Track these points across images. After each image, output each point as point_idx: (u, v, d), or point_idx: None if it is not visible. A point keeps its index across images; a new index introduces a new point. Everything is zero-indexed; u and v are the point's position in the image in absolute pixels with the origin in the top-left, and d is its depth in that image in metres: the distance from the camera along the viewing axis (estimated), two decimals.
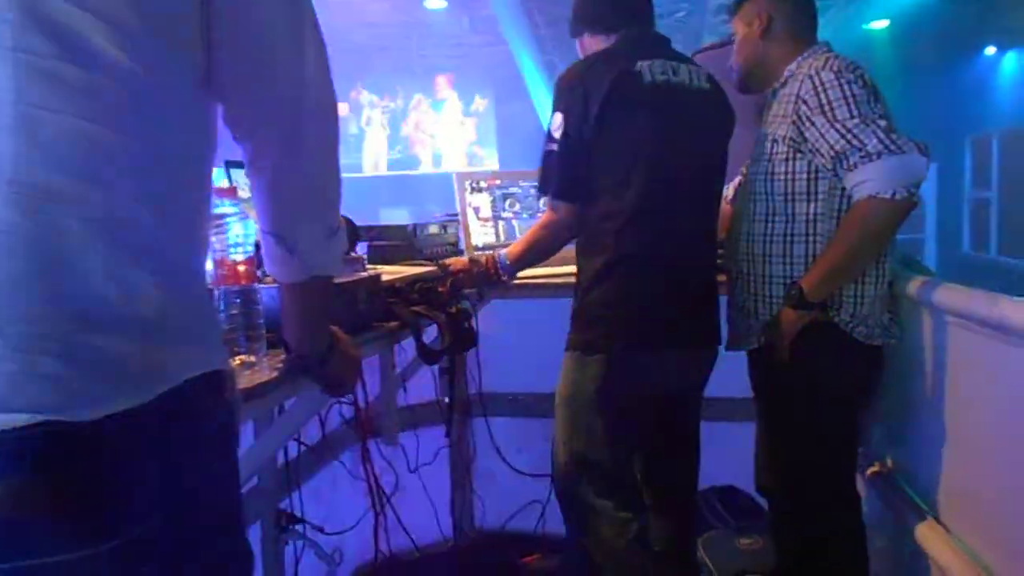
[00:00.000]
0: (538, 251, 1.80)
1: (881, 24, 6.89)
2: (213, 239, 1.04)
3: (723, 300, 1.84)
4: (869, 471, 1.87)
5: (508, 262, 1.82)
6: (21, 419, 0.57)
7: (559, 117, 1.63)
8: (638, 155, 1.62)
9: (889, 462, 1.84)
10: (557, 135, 1.63)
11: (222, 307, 1.05)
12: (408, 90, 9.79)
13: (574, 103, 1.61)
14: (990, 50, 9.13)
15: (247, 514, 1.79)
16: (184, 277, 0.71)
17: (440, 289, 1.67)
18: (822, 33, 1.78)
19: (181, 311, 0.69)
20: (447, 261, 1.89)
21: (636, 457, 1.86)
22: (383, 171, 10.17)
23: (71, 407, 0.59)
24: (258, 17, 0.76)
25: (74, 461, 0.59)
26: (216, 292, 1.05)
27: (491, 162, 9.76)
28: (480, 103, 9.55)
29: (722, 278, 1.92)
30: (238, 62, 0.76)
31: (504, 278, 1.84)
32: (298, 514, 1.92)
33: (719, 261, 1.99)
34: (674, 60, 1.70)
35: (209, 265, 1.00)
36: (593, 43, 1.77)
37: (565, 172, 1.63)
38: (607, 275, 1.65)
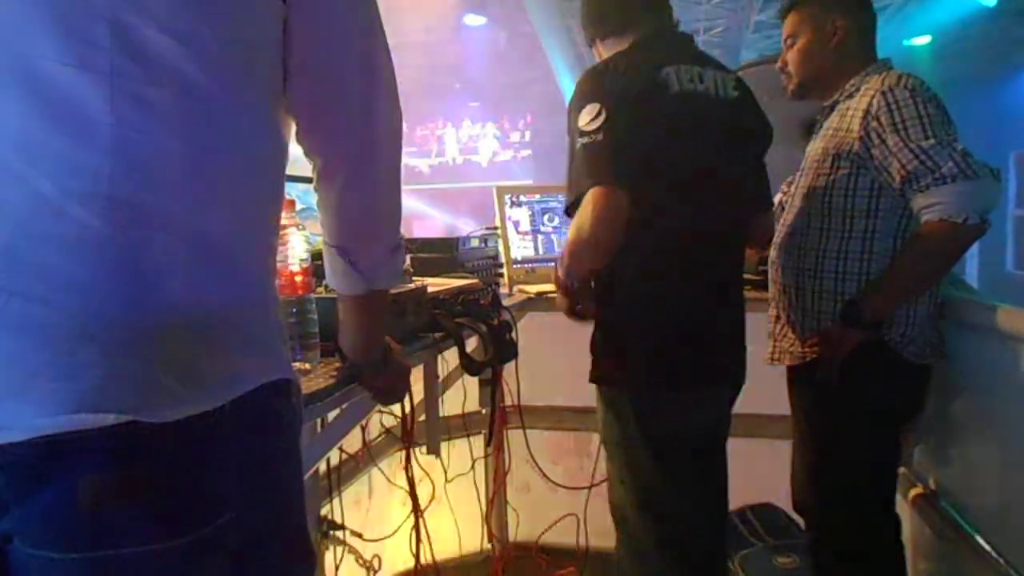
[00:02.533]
0: (588, 251, 1.45)
1: (923, 40, 6.80)
2: None
3: (756, 316, 1.84)
4: (912, 493, 1.85)
5: (564, 276, 1.55)
6: (109, 419, 0.60)
7: (596, 106, 1.41)
8: (667, 172, 1.48)
9: (932, 483, 1.82)
10: (596, 124, 1.40)
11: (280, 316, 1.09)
12: (447, 108, 9.92)
13: (609, 94, 1.42)
14: None
15: None
16: (257, 288, 0.75)
17: (482, 301, 1.70)
18: None
19: (253, 321, 0.72)
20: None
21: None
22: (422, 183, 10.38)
23: (155, 409, 0.62)
24: (334, 46, 0.80)
25: (156, 459, 0.63)
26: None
27: (528, 173, 9.83)
28: (518, 119, 9.63)
29: (759, 294, 1.92)
30: (314, 85, 0.80)
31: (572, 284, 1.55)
32: (338, 520, 1.96)
33: (756, 278, 2.00)
34: (699, 65, 1.55)
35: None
36: (605, 50, 1.63)
37: (609, 159, 1.39)
38: (638, 302, 1.55)
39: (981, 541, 1.53)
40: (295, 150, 0.86)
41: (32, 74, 0.62)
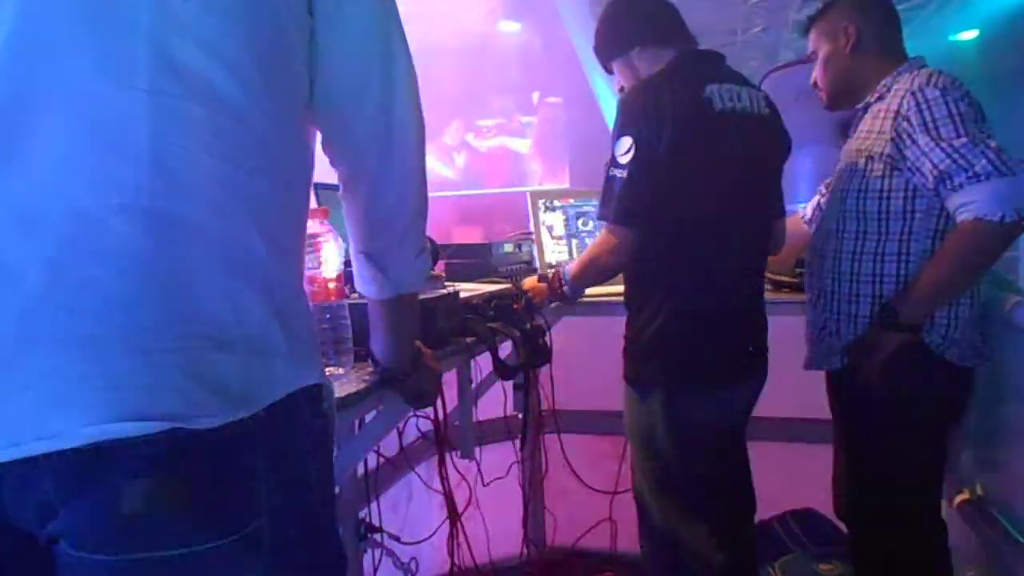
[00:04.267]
0: (595, 272, 1.75)
1: (970, 35, 6.61)
2: (306, 258, 1.10)
3: (793, 320, 1.82)
4: (958, 498, 1.80)
5: (570, 281, 1.80)
6: (152, 427, 0.62)
7: (628, 142, 1.54)
8: (707, 188, 1.57)
9: (979, 489, 1.77)
10: (624, 160, 1.54)
11: (313, 322, 1.12)
12: (482, 112, 9.95)
13: (645, 127, 1.52)
14: None
15: None
16: (289, 297, 0.77)
17: (515, 306, 1.71)
18: (908, 45, 1.73)
19: (285, 329, 0.75)
20: (524, 283, 1.92)
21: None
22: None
23: (195, 417, 0.64)
24: (359, 57, 0.82)
25: (195, 465, 0.65)
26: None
27: (564, 179, 9.80)
28: (552, 123, 9.62)
29: (797, 296, 1.90)
30: (339, 96, 0.82)
31: (567, 292, 1.82)
32: (376, 523, 1.98)
33: (792, 280, 1.97)
34: (736, 84, 1.64)
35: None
36: (645, 62, 1.68)
37: (628, 198, 1.55)
38: (670, 310, 1.62)
39: None
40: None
41: (73, 91, 0.65)
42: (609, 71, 1.81)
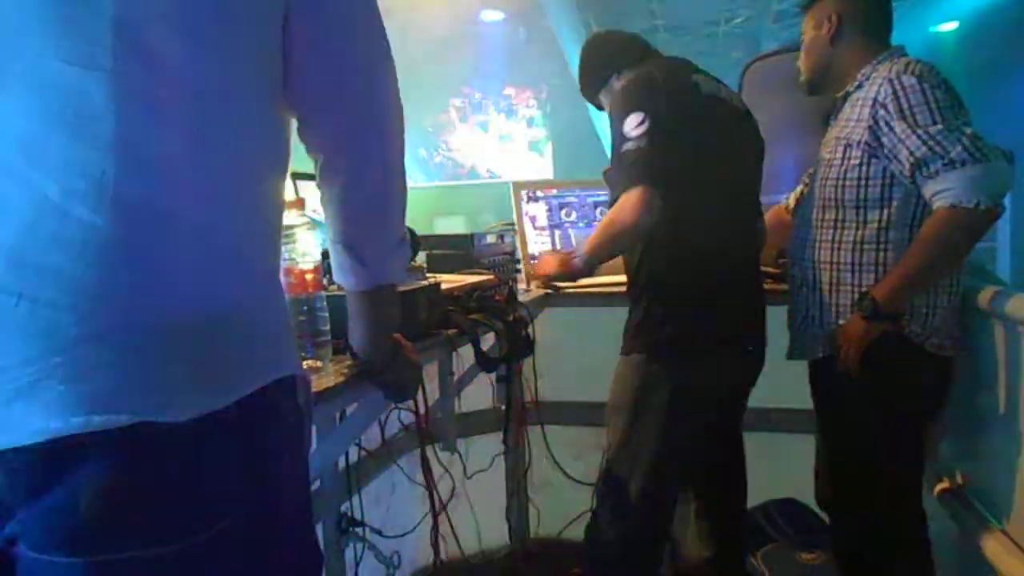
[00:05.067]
0: (622, 239, 1.66)
1: (950, 26, 6.66)
2: (283, 248, 1.08)
3: (776, 310, 1.83)
4: (938, 487, 1.81)
5: (585, 253, 1.73)
6: (122, 420, 0.60)
7: (638, 116, 1.58)
8: (705, 163, 1.64)
9: (959, 477, 1.78)
10: (637, 133, 1.58)
11: (291, 314, 1.09)
12: (465, 103, 9.95)
13: (651, 103, 1.60)
14: None
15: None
16: (266, 285, 0.75)
17: (497, 298, 1.69)
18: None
19: (260, 319, 0.73)
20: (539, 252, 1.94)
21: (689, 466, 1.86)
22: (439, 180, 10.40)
23: (164, 409, 0.62)
24: (334, 40, 0.80)
25: (165, 460, 0.63)
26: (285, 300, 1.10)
27: (546, 171, 9.80)
28: (536, 113, 9.64)
29: (779, 286, 1.90)
30: (314, 82, 0.80)
31: (579, 264, 1.75)
32: (358, 517, 1.96)
33: (775, 271, 1.97)
34: (714, 79, 1.76)
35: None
36: (623, 81, 1.79)
37: (650, 161, 1.57)
38: (677, 281, 1.67)
39: (1009, 535, 1.49)
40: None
41: (34, 73, 0.62)
42: (599, 107, 1.95)
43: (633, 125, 1.59)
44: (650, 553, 1.81)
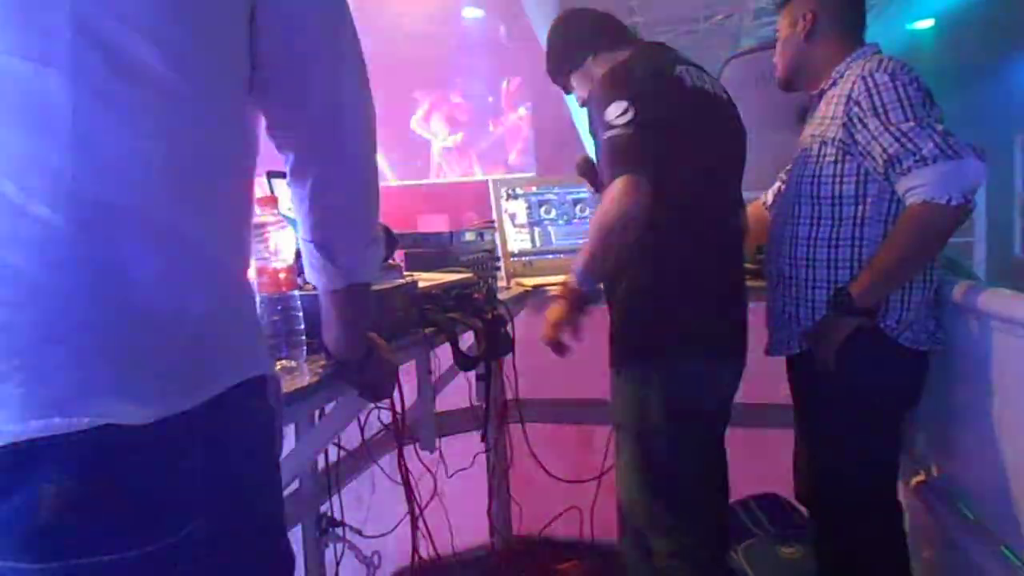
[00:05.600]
0: (615, 241, 1.51)
1: (926, 23, 6.74)
2: (254, 247, 1.07)
3: (755, 306, 1.83)
4: (914, 480, 1.83)
5: (580, 272, 1.58)
6: (82, 423, 0.59)
7: (621, 104, 1.49)
8: (683, 157, 1.55)
9: (934, 470, 1.80)
10: (623, 120, 1.48)
11: (263, 314, 1.08)
12: (447, 100, 9.93)
13: (635, 91, 1.52)
14: None
15: (290, 516, 1.84)
16: (230, 285, 0.74)
17: (476, 296, 1.69)
18: (866, 33, 1.75)
19: (228, 318, 0.72)
20: (547, 314, 1.65)
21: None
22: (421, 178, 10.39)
23: (127, 411, 0.61)
24: (301, 36, 0.79)
25: (129, 464, 0.62)
26: (258, 299, 1.09)
27: (528, 167, 9.82)
28: (519, 110, 9.64)
29: (758, 283, 1.91)
30: (281, 78, 0.79)
31: (581, 288, 1.59)
32: (339, 517, 1.95)
33: (754, 267, 1.98)
34: (697, 69, 1.68)
35: (251, 273, 1.03)
36: (601, 66, 1.70)
37: (639, 148, 1.48)
38: (655, 287, 1.62)
39: (982, 527, 1.51)
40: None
41: None
42: (568, 89, 1.85)
43: (617, 113, 1.50)
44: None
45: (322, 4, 0.81)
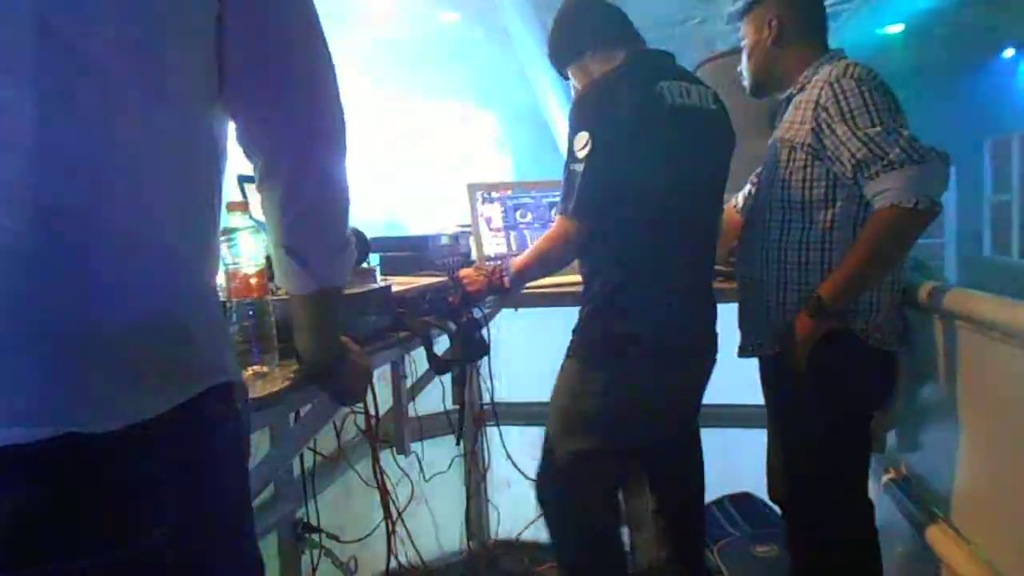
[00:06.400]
0: (543, 264, 1.79)
1: (896, 28, 6.85)
2: (225, 252, 1.06)
3: (727, 308, 1.86)
4: (885, 477, 1.86)
5: (513, 273, 1.82)
6: (46, 432, 0.59)
7: (585, 136, 1.58)
8: (659, 178, 1.61)
9: (904, 468, 1.83)
10: (582, 155, 1.59)
11: (235, 319, 1.08)
12: (424, 104, 10.00)
13: (601, 122, 1.58)
14: (1008, 53, 9.03)
15: (266, 523, 1.82)
16: (198, 289, 0.74)
17: (451, 299, 1.69)
18: (835, 38, 1.77)
19: (195, 323, 0.71)
20: (460, 273, 1.90)
21: (641, 466, 1.91)
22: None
23: (91, 419, 0.61)
24: (272, 43, 0.79)
25: (93, 472, 0.62)
26: (229, 304, 1.08)
27: (505, 170, 9.87)
28: (493, 113, 9.71)
29: (730, 285, 1.94)
30: (251, 84, 0.79)
31: (508, 287, 1.83)
32: (315, 523, 1.94)
33: (727, 269, 2.01)
34: (686, 81, 1.70)
35: (221, 278, 1.02)
36: (597, 63, 1.74)
37: (588, 191, 1.59)
38: (621, 295, 1.66)
39: (948, 522, 1.54)
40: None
41: None
42: (565, 77, 1.88)
43: (580, 145, 1.59)
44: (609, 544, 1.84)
45: (292, 8, 0.81)
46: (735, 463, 2.44)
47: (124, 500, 0.64)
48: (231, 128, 0.84)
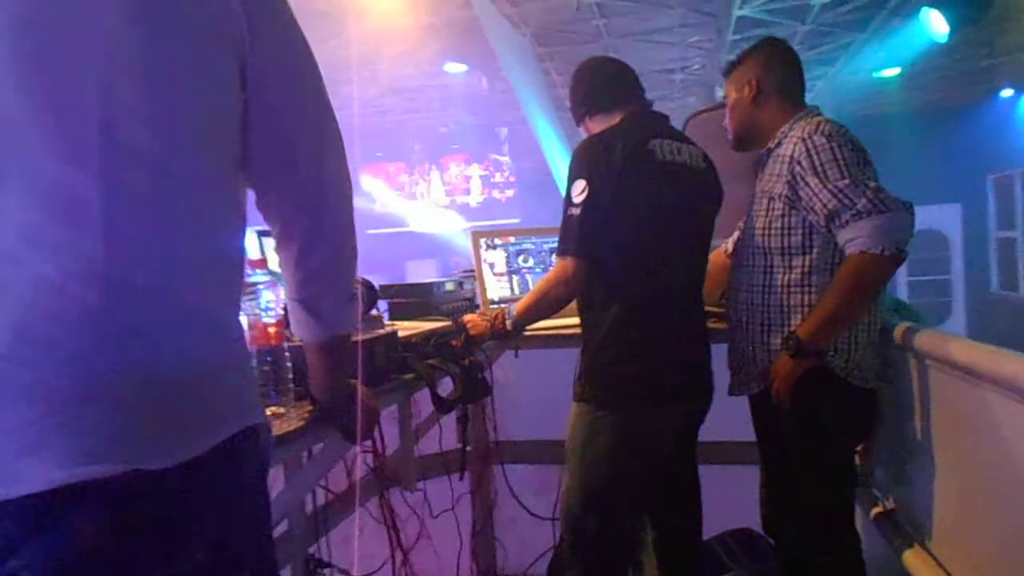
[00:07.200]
0: (545, 305, 1.88)
1: (893, 72, 7.01)
2: (246, 304, 1.18)
3: (721, 348, 1.95)
4: (874, 511, 1.93)
5: (515, 316, 1.92)
6: (117, 469, 0.70)
7: (581, 184, 1.73)
8: (649, 224, 1.76)
9: (891, 502, 1.90)
10: (578, 200, 1.72)
11: (255, 364, 1.19)
12: (433, 152, 10.36)
13: (596, 172, 1.72)
14: (1006, 92, 9.20)
15: (279, 558, 1.90)
16: (234, 345, 0.86)
17: (454, 343, 1.80)
18: (832, 82, 1.91)
19: (232, 375, 0.83)
20: (464, 318, 2.02)
21: (644, 508, 1.99)
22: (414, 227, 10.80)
23: (150, 458, 0.72)
24: (286, 127, 0.92)
25: (150, 501, 0.73)
26: (250, 351, 1.20)
27: (513, 214, 10.13)
28: (501, 159, 10.00)
29: (721, 325, 2.03)
30: (269, 164, 0.92)
31: (511, 330, 1.94)
32: (325, 558, 2.03)
33: (719, 310, 2.10)
34: (677, 140, 1.85)
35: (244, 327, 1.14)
36: (596, 124, 1.90)
37: (582, 232, 1.72)
38: (618, 334, 1.77)
39: (931, 553, 1.61)
40: None
41: (32, 170, 0.73)
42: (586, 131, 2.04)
43: (577, 191, 1.73)
44: None
45: (306, 98, 0.94)
46: (737, 498, 2.50)
47: (175, 525, 0.74)
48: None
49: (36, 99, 0.74)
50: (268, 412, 1.19)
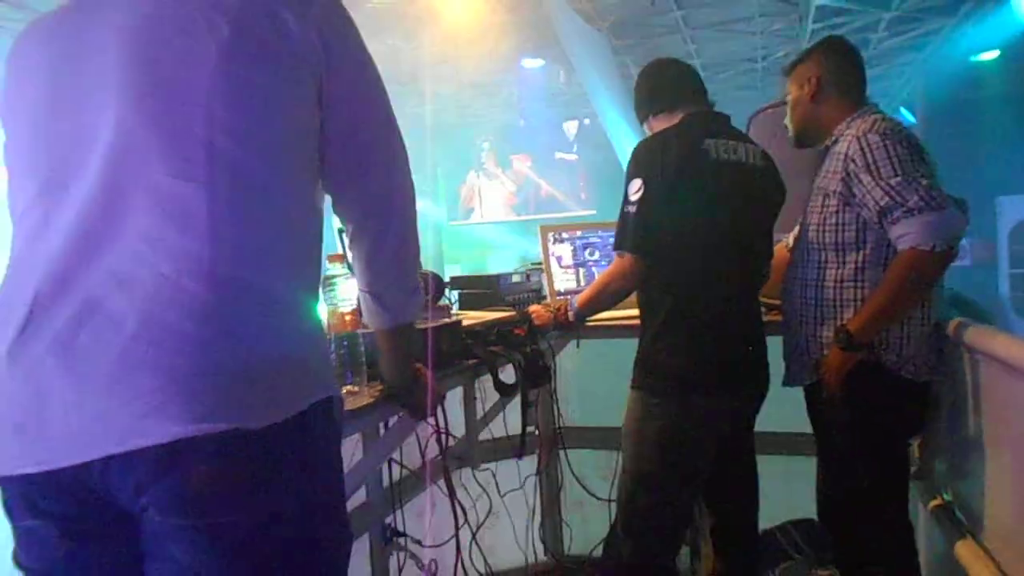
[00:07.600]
0: (604, 297, 1.98)
1: (991, 55, 6.67)
2: (326, 295, 1.35)
3: (778, 339, 2.00)
4: (932, 504, 1.95)
5: (577, 308, 2.03)
6: (221, 427, 0.86)
7: (638, 183, 1.81)
8: (703, 220, 1.82)
9: (949, 494, 1.91)
10: (635, 198, 1.81)
11: (333, 348, 1.36)
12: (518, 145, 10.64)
13: (652, 171, 1.80)
14: None
15: (358, 526, 2.08)
16: (313, 330, 1.01)
17: (516, 331, 1.93)
18: (923, 67, 1.92)
19: (311, 357, 0.99)
20: (529, 308, 2.14)
21: (697, 494, 2.04)
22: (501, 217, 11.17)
23: (247, 419, 0.88)
24: (357, 140, 1.06)
25: (249, 454, 0.88)
26: (328, 337, 1.36)
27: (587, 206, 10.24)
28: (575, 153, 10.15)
29: (778, 317, 2.08)
30: (343, 172, 1.07)
31: (572, 321, 2.05)
32: (400, 528, 2.20)
33: (778, 303, 2.15)
34: (734, 140, 1.90)
35: (323, 315, 1.30)
36: (659, 123, 1.98)
37: (639, 230, 1.80)
38: (672, 326, 1.85)
39: (982, 546, 1.63)
40: None
41: (152, 185, 0.90)
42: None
43: (633, 190, 1.82)
44: (663, 567, 1.99)
45: (376, 113, 1.08)
46: (800, 489, 2.53)
47: (267, 476, 0.90)
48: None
49: (155, 126, 0.91)
50: (343, 390, 1.35)
